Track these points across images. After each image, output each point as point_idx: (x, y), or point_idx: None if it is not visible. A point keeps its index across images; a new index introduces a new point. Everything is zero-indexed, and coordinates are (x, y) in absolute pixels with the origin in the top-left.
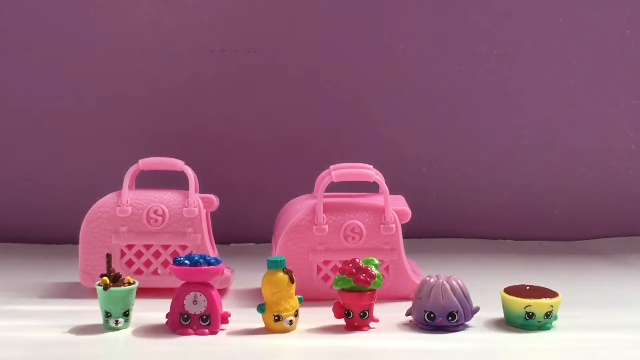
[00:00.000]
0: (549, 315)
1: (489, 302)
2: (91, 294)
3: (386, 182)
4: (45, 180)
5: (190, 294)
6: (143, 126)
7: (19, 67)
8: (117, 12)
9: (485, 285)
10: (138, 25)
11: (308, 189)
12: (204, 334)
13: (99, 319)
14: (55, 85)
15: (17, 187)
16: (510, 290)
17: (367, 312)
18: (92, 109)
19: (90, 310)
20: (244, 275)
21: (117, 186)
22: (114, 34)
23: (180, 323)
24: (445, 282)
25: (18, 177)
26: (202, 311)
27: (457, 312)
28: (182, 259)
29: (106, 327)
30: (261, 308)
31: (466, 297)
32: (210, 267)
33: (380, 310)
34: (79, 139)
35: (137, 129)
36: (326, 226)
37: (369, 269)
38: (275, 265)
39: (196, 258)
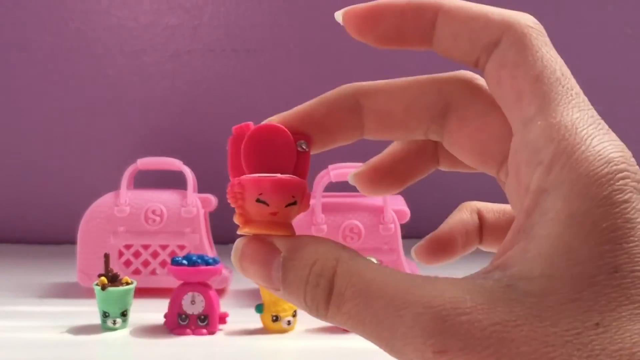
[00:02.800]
0: None
1: None
2: (89, 294)
3: None
4: (43, 181)
5: (188, 294)
6: (141, 126)
7: (18, 67)
8: (116, 12)
9: None
10: (137, 25)
11: None
12: (201, 334)
13: (96, 319)
14: (53, 85)
15: (14, 188)
16: None
17: None
18: (91, 109)
19: (88, 311)
20: (242, 276)
21: (115, 186)
22: (113, 33)
23: (178, 323)
24: None
25: (16, 178)
26: (200, 311)
27: None
28: (180, 259)
29: (104, 327)
30: (259, 308)
31: None
32: (208, 267)
33: None
34: (77, 139)
35: (135, 128)
36: (325, 226)
37: None
38: None
39: (194, 258)
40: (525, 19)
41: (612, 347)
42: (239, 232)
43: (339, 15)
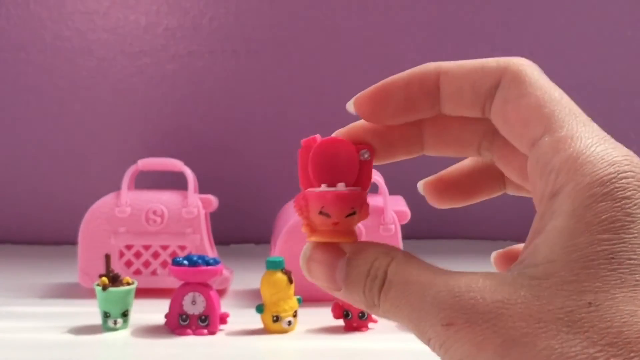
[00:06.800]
0: None
1: None
2: (90, 294)
3: (385, 183)
4: (44, 181)
5: (189, 294)
6: (142, 127)
7: (18, 68)
8: (117, 13)
9: None
10: (138, 26)
11: None
12: (202, 334)
13: (97, 320)
14: (53, 86)
15: (15, 188)
16: None
17: (365, 313)
18: (91, 110)
19: (89, 311)
20: (243, 276)
21: (116, 187)
22: (113, 34)
23: (179, 323)
24: None
25: (16, 178)
26: (201, 311)
27: None
28: (181, 259)
29: (104, 328)
30: (260, 309)
31: None
32: (208, 267)
33: None
34: (77, 140)
35: (136, 129)
36: None
37: None
38: (274, 265)
39: (195, 258)
40: (518, 59)
41: (601, 324)
42: (307, 240)
43: (350, 105)
